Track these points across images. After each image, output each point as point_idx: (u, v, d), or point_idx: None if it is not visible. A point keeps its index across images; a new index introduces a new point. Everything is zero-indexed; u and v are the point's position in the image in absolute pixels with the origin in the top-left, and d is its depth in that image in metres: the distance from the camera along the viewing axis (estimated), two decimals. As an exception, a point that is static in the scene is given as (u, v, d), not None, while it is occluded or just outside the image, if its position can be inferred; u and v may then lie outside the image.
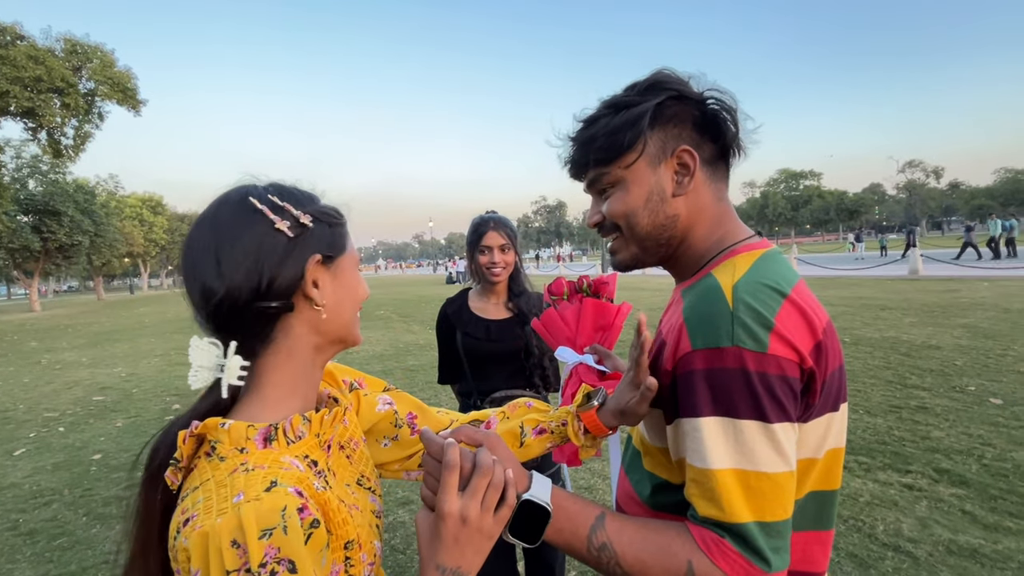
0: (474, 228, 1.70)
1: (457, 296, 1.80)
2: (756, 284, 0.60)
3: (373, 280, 43.99)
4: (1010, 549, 2.12)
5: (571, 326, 1.25)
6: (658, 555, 0.56)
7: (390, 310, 14.64)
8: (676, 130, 0.68)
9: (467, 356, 1.68)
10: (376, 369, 6.70)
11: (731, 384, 0.55)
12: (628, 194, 0.70)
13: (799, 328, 0.57)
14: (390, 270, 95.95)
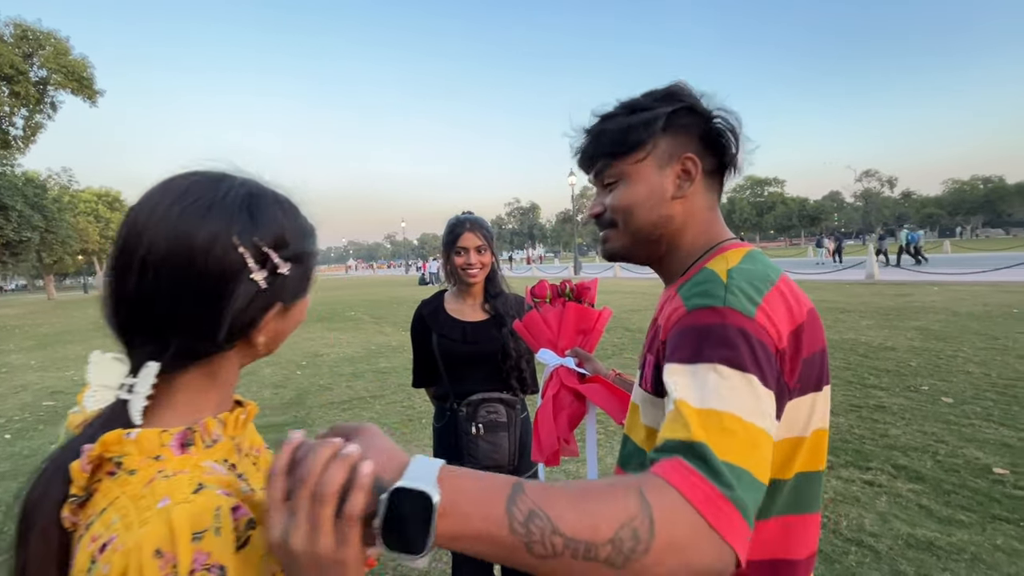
0: (450, 229, 1.68)
1: (432, 298, 1.78)
2: (748, 271, 0.65)
3: (343, 281, 43.18)
4: (963, 541, 2.23)
5: (553, 329, 1.26)
6: (603, 499, 0.43)
7: (361, 311, 14.40)
8: (684, 138, 0.74)
9: (443, 359, 1.66)
10: (347, 372, 6.57)
11: (718, 335, 0.57)
12: (631, 189, 0.74)
13: (781, 313, 0.61)
14: (361, 271, 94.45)
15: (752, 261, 0.68)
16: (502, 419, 1.58)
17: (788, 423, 0.62)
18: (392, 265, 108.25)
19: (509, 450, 1.58)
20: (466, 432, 1.57)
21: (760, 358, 0.56)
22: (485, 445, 1.56)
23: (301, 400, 5.33)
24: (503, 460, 1.57)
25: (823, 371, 0.67)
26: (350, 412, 4.79)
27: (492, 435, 1.57)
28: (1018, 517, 2.39)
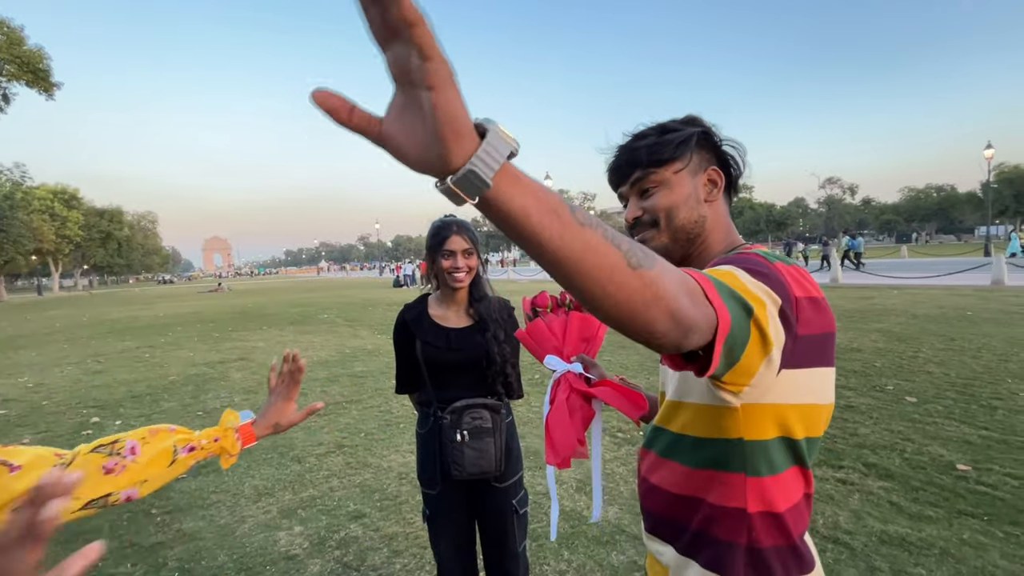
0: (435, 232, 1.65)
1: (416, 302, 1.73)
2: (766, 254, 0.76)
3: (315, 283, 42.31)
4: (932, 536, 2.31)
5: (559, 336, 1.28)
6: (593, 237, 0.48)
7: (335, 314, 14.12)
8: (708, 155, 0.88)
9: (427, 365, 1.63)
10: (321, 376, 6.42)
11: (742, 258, 0.71)
12: (673, 193, 0.86)
13: (794, 279, 0.71)
14: (332, 273, 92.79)
15: (768, 254, 0.78)
16: (487, 424, 1.56)
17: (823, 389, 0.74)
18: (365, 267, 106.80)
19: (495, 456, 1.56)
20: (450, 440, 1.55)
21: (772, 281, 0.66)
22: (471, 452, 1.54)
23: (274, 406, 5.17)
24: (489, 466, 1.55)
25: (830, 349, 0.76)
26: (326, 418, 4.67)
27: (477, 441, 1.54)
28: (982, 512, 2.50)
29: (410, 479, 3.26)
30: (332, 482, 3.28)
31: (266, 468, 3.57)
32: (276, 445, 4.00)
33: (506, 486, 1.63)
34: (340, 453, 3.77)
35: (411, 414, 4.63)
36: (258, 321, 13.18)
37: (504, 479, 1.63)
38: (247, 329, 11.60)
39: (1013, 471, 2.89)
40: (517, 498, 1.66)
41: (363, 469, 3.46)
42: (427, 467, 1.64)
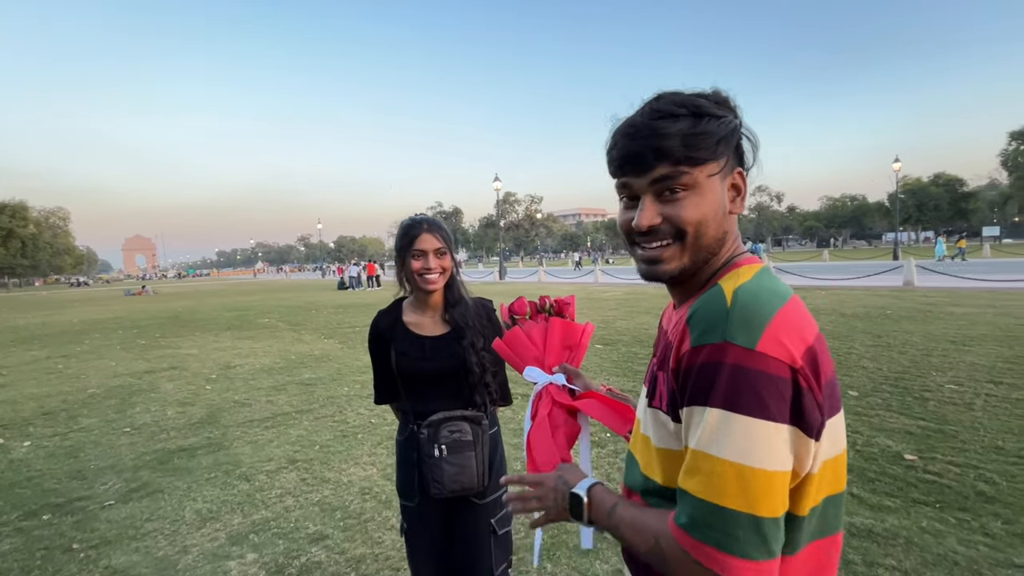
0: (404, 231, 1.53)
1: (390, 308, 1.63)
2: (757, 290, 0.63)
3: (252, 285, 40.05)
4: (895, 527, 2.41)
5: (539, 345, 1.19)
6: (640, 533, 0.67)
7: (276, 318, 13.36)
8: (735, 153, 0.72)
9: (401, 376, 1.53)
10: (266, 385, 5.99)
11: (720, 377, 0.58)
12: (704, 202, 0.70)
13: (793, 331, 0.60)
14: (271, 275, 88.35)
15: (764, 277, 0.67)
16: (467, 437, 1.46)
17: (822, 449, 0.62)
18: (304, 269, 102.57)
19: (477, 471, 1.46)
20: (428, 455, 1.44)
21: (763, 392, 0.57)
22: (450, 468, 1.44)
23: (214, 418, 4.75)
24: (470, 482, 1.45)
25: (835, 396, 0.65)
26: (274, 430, 4.34)
27: (457, 455, 1.45)
28: (933, 500, 2.64)
29: (374, 494, 3.05)
30: (287, 501, 3.02)
31: (209, 489, 3.23)
32: (219, 463, 3.65)
33: (486, 503, 1.53)
34: (293, 469, 3.49)
35: (368, 423, 4.39)
36: (190, 327, 12.23)
37: (485, 495, 1.53)
38: (178, 335, 10.73)
39: (953, 459, 3.09)
40: (497, 516, 1.55)
41: (321, 485, 3.21)
42: (405, 478, 1.54)
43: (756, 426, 0.56)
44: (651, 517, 0.66)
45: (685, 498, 0.59)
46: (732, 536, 0.56)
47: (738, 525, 0.56)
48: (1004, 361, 5.30)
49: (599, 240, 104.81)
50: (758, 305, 0.61)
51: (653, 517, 0.66)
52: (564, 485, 0.79)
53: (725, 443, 0.57)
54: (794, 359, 0.58)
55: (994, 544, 2.23)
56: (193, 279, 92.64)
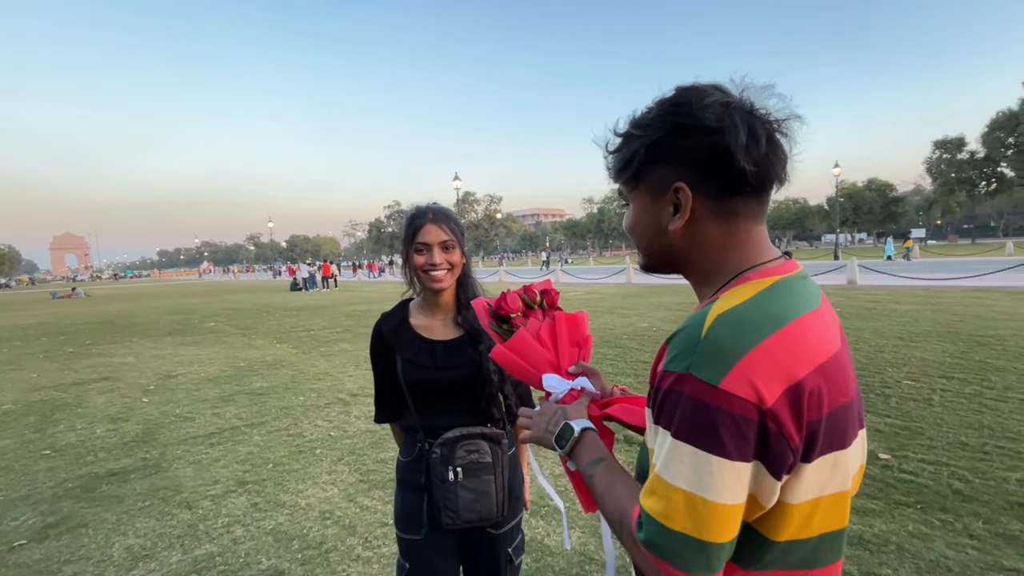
0: (408, 222, 1.37)
1: (395, 310, 1.44)
2: (744, 316, 0.60)
3: (197, 286, 37.94)
4: (884, 531, 2.37)
5: (550, 346, 0.99)
6: (609, 502, 0.71)
7: (224, 321, 12.57)
8: (675, 165, 0.67)
9: (409, 388, 1.35)
10: (211, 396, 5.52)
11: (679, 406, 0.59)
12: (632, 216, 0.76)
13: (772, 368, 0.57)
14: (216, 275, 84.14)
15: (765, 297, 0.63)
16: (486, 459, 1.28)
17: (805, 485, 0.60)
18: (251, 269, 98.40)
19: (496, 498, 1.29)
20: (441, 479, 1.26)
21: (720, 428, 0.56)
22: (466, 494, 1.26)
23: (151, 436, 4.29)
24: (488, 512, 1.28)
25: (848, 427, 0.62)
26: (221, 447, 3.94)
27: (474, 480, 1.27)
28: (914, 500, 2.63)
29: (336, 519, 2.77)
30: (235, 531, 2.69)
31: (143, 520, 2.85)
32: (155, 488, 3.25)
33: (502, 532, 1.38)
34: (243, 492, 3.14)
35: (327, 436, 4.06)
36: (126, 332, 11.31)
37: (502, 524, 1.37)
38: (112, 342, 9.87)
39: (924, 457, 3.13)
40: (513, 545, 1.41)
41: (275, 511, 2.89)
42: (410, 507, 1.35)
43: (709, 461, 0.57)
44: (625, 491, 0.70)
45: (644, 516, 0.61)
46: (679, 555, 0.59)
47: (685, 546, 0.58)
48: (951, 356, 5.54)
49: (557, 240, 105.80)
50: (734, 337, 0.58)
51: (627, 492, 0.69)
52: (562, 415, 0.86)
53: (678, 472, 0.58)
54: (762, 400, 0.56)
55: (981, 547, 2.21)
56: (131, 280, 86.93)
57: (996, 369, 4.97)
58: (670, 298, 12.63)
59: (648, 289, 15.74)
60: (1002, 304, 9.06)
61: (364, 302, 16.42)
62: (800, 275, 0.67)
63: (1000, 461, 3.01)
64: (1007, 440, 3.30)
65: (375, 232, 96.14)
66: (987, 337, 6.39)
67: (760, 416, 0.56)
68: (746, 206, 0.68)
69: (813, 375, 0.58)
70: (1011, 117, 42.21)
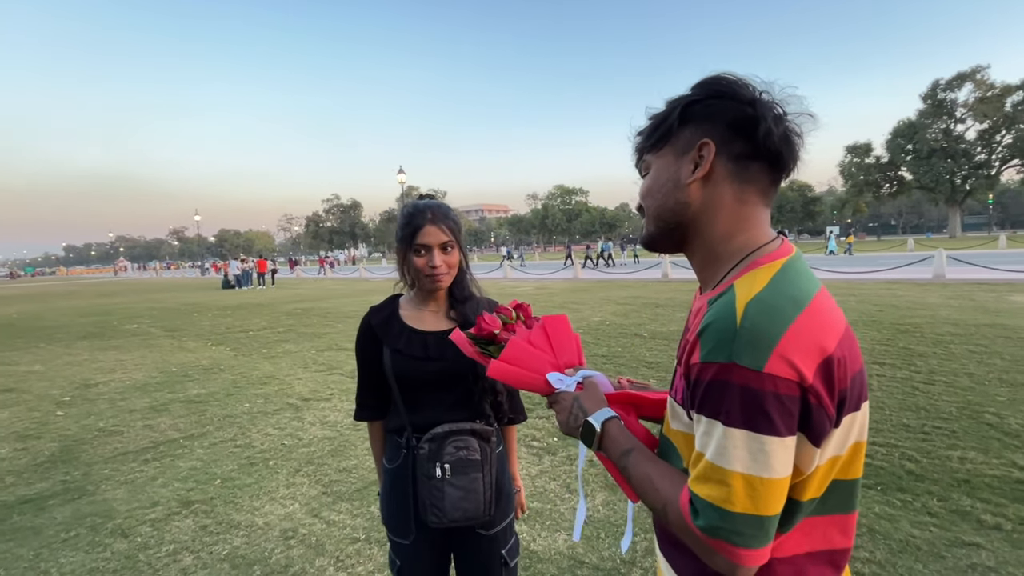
0: (407, 220, 1.31)
1: (384, 304, 1.41)
2: (770, 301, 0.64)
3: (113, 285, 34.74)
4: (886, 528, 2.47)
5: (546, 348, 1.01)
6: (650, 492, 0.73)
7: (148, 322, 11.52)
8: (706, 125, 0.73)
9: (398, 381, 1.31)
10: (141, 405, 4.99)
11: (726, 395, 0.62)
12: (651, 177, 0.79)
13: (806, 346, 0.61)
14: (132, 272, 77.57)
15: (782, 281, 0.67)
16: (475, 456, 1.26)
17: (826, 446, 0.66)
18: (175, 267, 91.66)
19: (484, 496, 1.27)
20: (428, 475, 1.23)
21: (770, 410, 0.60)
22: (453, 492, 1.23)
23: (70, 454, 3.79)
24: (476, 510, 1.25)
25: (862, 391, 0.69)
26: (157, 463, 3.54)
27: (462, 477, 1.25)
28: (874, 482, 2.78)
29: (300, 537, 2.54)
30: (183, 560, 2.39)
31: (69, 554, 2.48)
32: (81, 515, 2.86)
33: (494, 533, 1.35)
34: (189, 514, 2.82)
35: (280, 446, 3.76)
36: (31, 336, 10.09)
37: (492, 525, 1.34)
38: (14, 348, 8.77)
39: (876, 440, 3.32)
40: (507, 547, 1.38)
41: (229, 533, 2.61)
42: (397, 511, 1.33)
43: (763, 441, 0.60)
44: (665, 480, 0.72)
45: (700, 503, 0.64)
46: (742, 534, 0.62)
47: (746, 525, 0.62)
48: (879, 344, 6.00)
49: (503, 236, 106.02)
50: (768, 323, 0.62)
51: (667, 481, 0.72)
52: (580, 410, 0.85)
53: (734, 456, 0.61)
54: (803, 377, 0.60)
55: (940, 524, 2.35)
56: (33, 279, 78.30)
57: (919, 355, 5.41)
58: (617, 292, 12.92)
59: (595, 284, 16.05)
60: (913, 295, 9.97)
61: (306, 300, 15.63)
62: (798, 256, 0.72)
63: (940, 441, 3.25)
64: (942, 420, 3.58)
65: (313, 227, 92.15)
66: (906, 325, 6.98)
67: (802, 392, 0.61)
68: (760, 178, 0.73)
69: (838, 348, 0.63)
70: (910, 126, 46.73)
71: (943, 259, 12.54)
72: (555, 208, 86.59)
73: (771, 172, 0.73)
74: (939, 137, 45.06)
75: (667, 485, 0.71)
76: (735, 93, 0.72)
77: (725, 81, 0.73)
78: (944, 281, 11.95)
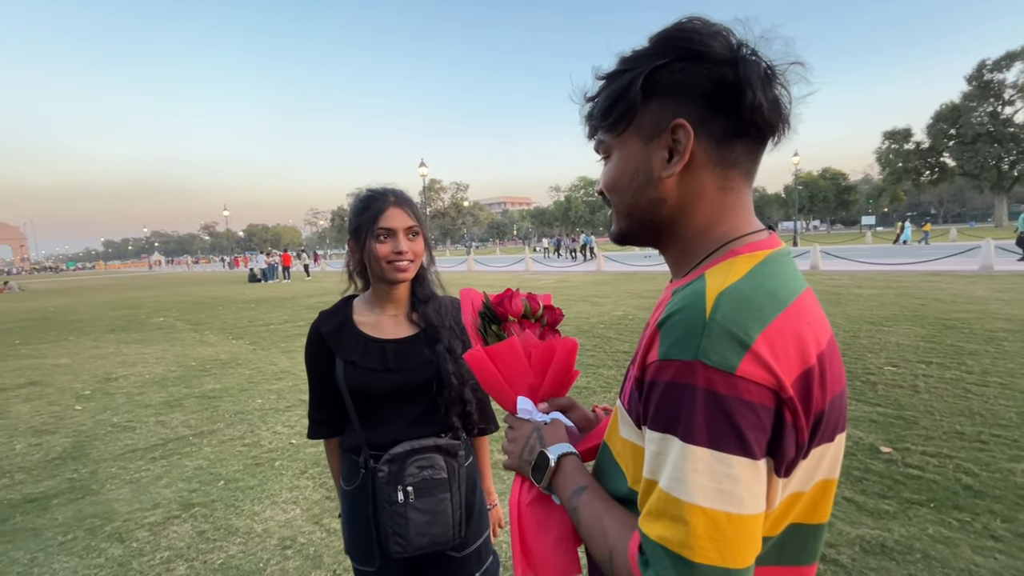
0: (364, 205, 1.19)
1: (336, 308, 1.28)
2: (747, 293, 0.52)
3: (146, 279, 35.91)
4: (904, 537, 2.21)
5: (536, 367, 0.83)
6: (596, 536, 0.60)
7: (174, 315, 11.75)
8: (677, 99, 0.58)
9: (353, 396, 1.18)
10: (156, 400, 4.99)
11: (687, 402, 0.49)
12: (615, 167, 0.65)
13: (786, 351, 0.50)
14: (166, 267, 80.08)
15: (764, 272, 0.55)
16: (440, 475, 1.14)
17: (792, 480, 0.54)
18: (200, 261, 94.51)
19: (452, 518, 1.15)
20: (389, 500, 1.11)
21: (740, 422, 0.48)
22: (418, 517, 1.11)
23: (81, 451, 3.78)
24: (444, 535, 1.14)
25: (840, 418, 0.56)
26: (164, 462, 3.49)
27: (427, 500, 1.12)
28: (926, 499, 2.49)
29: (299, 547, 2.41)
30: (177, 569, 2.29)
31: (64, 559, 2.41)
32: (81, 516, 2.80)
33: (466, 555, 1.24)
34: (188, 517, 2.73)
35: (288, 445, 3.67)
36: (62, 330, 10.38)
37: (464, 546, 1.23)
38: (45, 341, 9.01)
39: (926, 449, 3.02)
40: (482, 569, 1.27)
41: (226, 540, 2.50)
42: (359, 539, 1.21)
43: (730, 464, 0.48)
44: (615, 523, 0.59)
45: (651, 547, 0.50)
46: None
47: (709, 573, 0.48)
48: (924, 341, 5.59)
49: (525, 228, 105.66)
50: (744, 317, 0.50)
51: (617, 523, 0.59)
52: (538, 441, 0.74)
53: (694, 484, 0.48)
54: (782, 386, 0.49)
55: (1007, 550, 2.07)
56: (74, 273, 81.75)
57: (969, 353, 5.00)
58: (641, 285, 12.58)
59: (618, 277, 15.71)
60: (958, 287, 9.37)
61: (329, 292, 15.74)
62: (785, 251, 0.60)
63: (1000, 451, 2.93)
64: (1000, 428, 3.24)
65: (338, 220, 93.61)
66: (953, 320, 6.51)
67: (777, 405, 0.49)
68: (745, 157, 0.60)
69: (820, 361, 0.52)
70: (953, 109, 44.46)
71: (991, 249, 11.81)
72: (578, 200, 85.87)
73: (758, 146, 0.60)
74: (985, 121, 42.78)
75: (616, 528, 0.58)
76: (709, 52, 0.56)
77: (696, 34, 0.57)
78: (992, 273, 11.24)
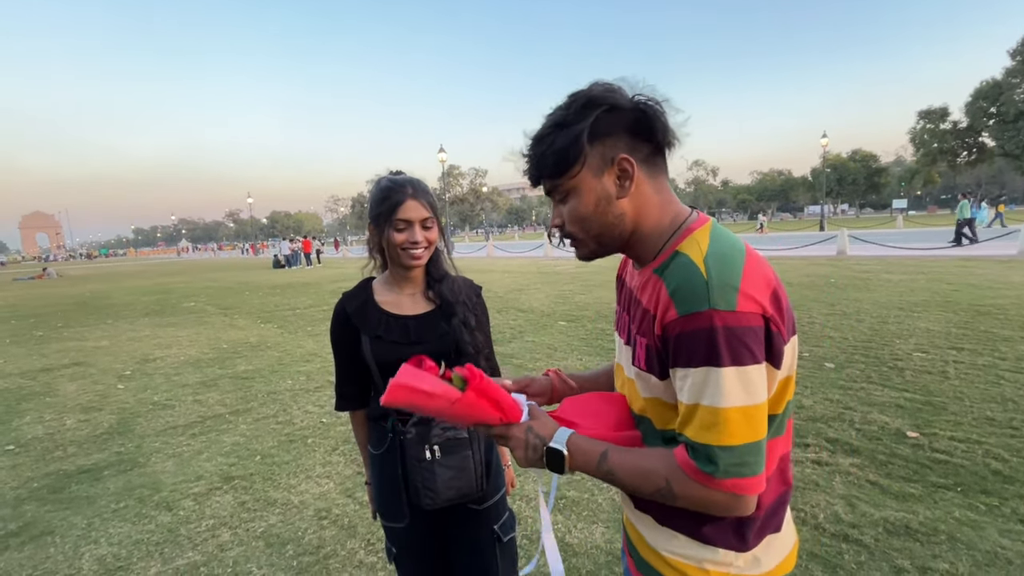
0: (383, 195, 1.27)
1: (357, 289, 1.38)
2: (721, 252, 0.72)
3: (175, 265, 36.93)
4: (929, 519, 2.21)
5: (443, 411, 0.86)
6: (644, 478, 0.74)
7: (204, 300, 12.11)
8: (612, 140, 0.77)
9: (380, 368, 1.28)
10: (193, 380, 5.20)
11: (711, 340, 0.66)
12: (580, 202, 0.79)
13: (758, 284, 0.70)
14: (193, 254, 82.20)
15: (718, 239, 0.74)
16: (462, 434, 1.25)
17: (784, 367, 0.73)
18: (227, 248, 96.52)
19: (475, 472, 1.26)
20: (418, 458, 1.22)
21: (749, 342, 0.67)
22: (444, 472, 1.23)
23: (126, 427, 3.99)
24: (468, 487, 1.25)
25: (794, 320, 0.76)
26: (203, 437, 3.66)
27: (452, 457, 1.24)
28: (953, 483, 2.48)
29: (333, 518, 2.53)
30: (222, 536, 2.43)
31: (118, 525, 2.58)
32: (131, 486, 2.98)
33: (486, 508, 1.35)
34: (229, 489, 2.88)
35: (319, 424, 3.81)
36: (100, 314, 10.81)
37: (484, 499, 1.34)
38: (85, 324, 9.41)
39: (954, 434, 2.98)
40: (500, 522, 1.37)
41: (265, 510, 2.64)
42: (389, 497, 1.33)
43: (748, 372, 0.66)
44: (653, 460, 0.74)
45: (707, 450, 0.67)
46: (748, 464, 0.67)
47: (749, 452, 0.67)
48: (956, 327, 5.45)
49: (544, 215, 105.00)
50: (728, 270, 0.69)
51: (655, 459, 0.74)
52: (537, 439, 0.81)
53: (731, 394, 0.66)
54: (764, 308, 0.68)
55: (1036, 534, 2.06)
56: (107, 260, 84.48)
57: (1003, 339, 4.88)
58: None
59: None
60: (993, 273, 9.07)
61: (350, 279, 15.99)
62: (715, 221, 0.79)
63: (1032, 437, 2.88)
64: (1033, 414, 3.18)
65: (358, 207, 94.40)
66: (987, 306, 6.33)
67: (765, 322, 0.68)
68: (661, 164, 0.80)
69: (775, 280, 0.72)
70: (995, 86, 42.30)
71: (1031, 233, 11.33)
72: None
73: (666, 155, 0.80)
74: (1029, 98, 40.56)
75: (656, 460, 0.74)
76: (620, 103, 0.76)
77: (608, 93, 0.76)
78: (1031, 257, 10.82)
